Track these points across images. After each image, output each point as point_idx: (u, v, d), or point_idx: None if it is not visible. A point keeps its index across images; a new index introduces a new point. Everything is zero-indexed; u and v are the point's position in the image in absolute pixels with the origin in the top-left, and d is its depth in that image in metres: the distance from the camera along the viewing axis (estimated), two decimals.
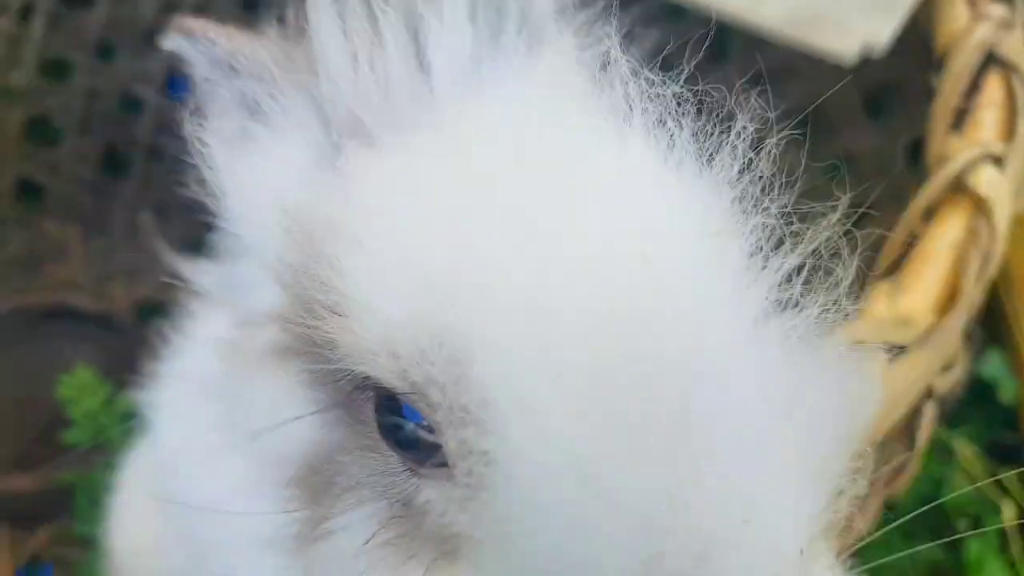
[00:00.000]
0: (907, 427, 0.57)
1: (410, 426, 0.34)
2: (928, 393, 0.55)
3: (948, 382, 0.57)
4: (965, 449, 1.23)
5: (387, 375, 0.35)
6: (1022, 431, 1.23)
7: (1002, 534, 1.17)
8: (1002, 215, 0.56)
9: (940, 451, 1.24)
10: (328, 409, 0.38)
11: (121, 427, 1.20)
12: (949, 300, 0.52)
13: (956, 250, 0.54)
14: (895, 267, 0.57)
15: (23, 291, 1.41)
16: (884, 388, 0.47)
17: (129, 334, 1.31)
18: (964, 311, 0.53)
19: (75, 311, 1.36)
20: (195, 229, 1.58)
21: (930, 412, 0.57)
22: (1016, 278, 1.26)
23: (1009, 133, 0.61)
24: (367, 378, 0.35)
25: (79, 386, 1.24)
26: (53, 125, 1.50)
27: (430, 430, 0.34)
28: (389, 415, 0.35)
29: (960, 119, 0.64)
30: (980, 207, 0.56)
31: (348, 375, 0.36)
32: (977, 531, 1.17)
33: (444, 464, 0.34)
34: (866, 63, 0.94)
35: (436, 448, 0.34)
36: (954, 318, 0.51)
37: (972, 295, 0.53)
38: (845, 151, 1.09)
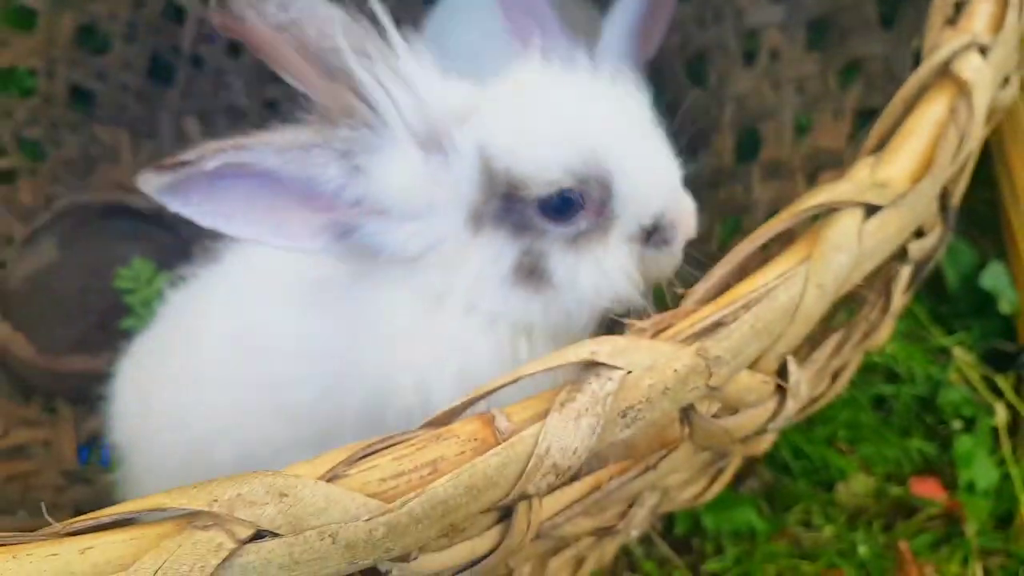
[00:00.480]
0: (884, 288, 0.64)
1: (570, 200, 0.63)
2: (902, 254, 0.61)
3: (922, 248, 0.62)
4: (963, 355, 1.29)
5: (568, 181, 0.62)
6: (1020, 339, 1.29)
7: (995, 435, 1.24)
8: (982, 98, 0.61)
9: (940, 356, 1.30)
10: (513, 233, 0.64)
11: None
12: (925, 170, 0.58)
13: (937, 127, 0.60)
14: (882, 145, 0.63)
15: (79, 190, 1.50)
16: (859, 243, 0.54)
17: (180, 232, 1.40)
18: (938, 180, 0.58)
19: (130, 209, 1.45)
20: (237, 132, 1.64)
21: (905, 274, 0.63)
22: (1021, 191, 1.30)
23: (998, 25, 0.65)
24: (551, 184, 0.62)
25: (135, 277, 1.34)
26: (101, 32, 1.57)
27: (578, 208, 0.63)
28: (552, 204, 0.63)
29: (957, 13, 0.68)
30: (963, 89, 0.61)
31: (530, 199, 0.62)
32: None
33: (570, 223, 0.63)
34: None
35: (575, 215, 0.63)
36: (927, 184, 0.57)
37: (946, 167, 0.59)
38: (856, 57, 1.13)
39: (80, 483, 1.20)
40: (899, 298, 0.65)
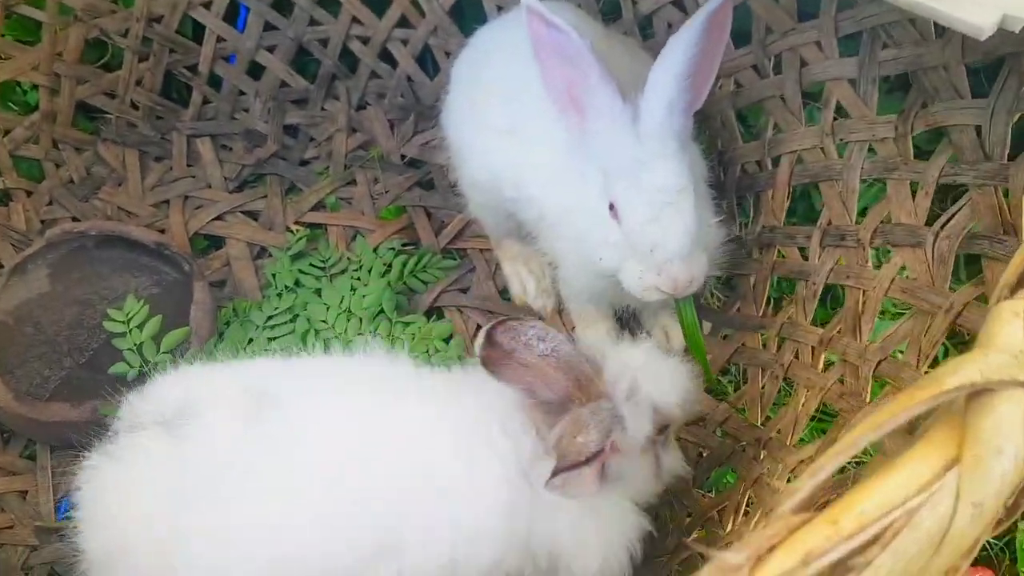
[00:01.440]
0: None
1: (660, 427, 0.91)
2: None
3: None
4: None
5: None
6: None
7: None
8: None
9: None
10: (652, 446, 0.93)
11: (166, 361, 1.19)
12: None
13: None
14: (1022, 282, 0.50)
15: (78, 214, 1.40)
16: None
17: (183, 266, 1.29)
18: None
19: (130, 240, 1.34)
20: (251, 159, 1.53)
21: None
22: None
23: None
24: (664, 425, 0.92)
25: (127, 319, 1.24)
26: (111, 48, 1.46)
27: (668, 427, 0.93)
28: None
29: None
30: None
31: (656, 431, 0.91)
32: None
33: (663, 435, 0.93)
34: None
35: (666, 431, 0.93)
36: None
37: None
38: (940, 124, 0.99)
39: (55, 541, 1.09)
40: None
